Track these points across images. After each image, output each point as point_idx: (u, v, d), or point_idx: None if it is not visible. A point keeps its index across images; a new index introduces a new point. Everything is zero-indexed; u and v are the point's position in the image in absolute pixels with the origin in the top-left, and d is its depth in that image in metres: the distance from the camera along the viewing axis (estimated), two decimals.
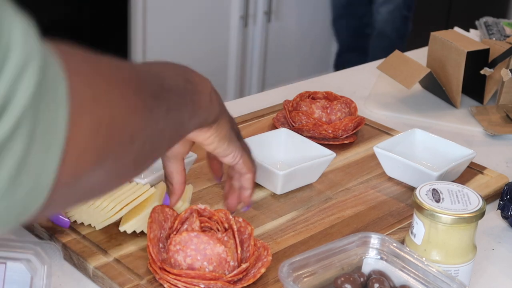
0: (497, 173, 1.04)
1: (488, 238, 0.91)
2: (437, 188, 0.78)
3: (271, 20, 3.02)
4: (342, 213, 0.92)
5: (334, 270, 0.73)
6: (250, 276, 0.77)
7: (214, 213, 0.81)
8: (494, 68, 1.26)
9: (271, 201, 0.94)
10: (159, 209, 0.80)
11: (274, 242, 0.85)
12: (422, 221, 0.76)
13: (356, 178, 1.01)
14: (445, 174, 0.96)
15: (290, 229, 0.88)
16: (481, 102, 1.31)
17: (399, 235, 0.88)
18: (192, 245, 0.75)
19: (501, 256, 0.88)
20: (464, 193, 0.78)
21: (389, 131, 1.16)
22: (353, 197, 0.96)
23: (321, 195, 0.96)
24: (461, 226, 0.75)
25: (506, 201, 0.91)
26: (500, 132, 1.19)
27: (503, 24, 1.57)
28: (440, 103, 1.32)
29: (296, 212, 0.92)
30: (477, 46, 1.28)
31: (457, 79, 1.27)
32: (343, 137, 1.10)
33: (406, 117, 1.26)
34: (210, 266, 0.75)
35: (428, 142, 1.05)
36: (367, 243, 0.75)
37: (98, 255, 0.80)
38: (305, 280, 0.71)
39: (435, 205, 0.75)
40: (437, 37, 1.31)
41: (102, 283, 0.78)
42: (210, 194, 0.94)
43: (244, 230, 0.80)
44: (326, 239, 0.86)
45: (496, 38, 1.49)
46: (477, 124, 1.24)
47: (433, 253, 0.76)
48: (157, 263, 0.76)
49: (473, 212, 0.75)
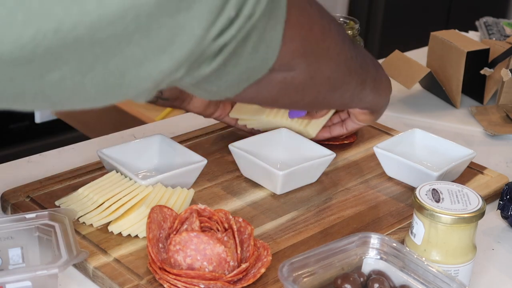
0: (497, 173, 1.04)
1: (488, 238, 0.91)
2: (437, 188, 0.78)
3: None
4: (342, 213, 0.92)
5: (334, 270, 0.73)
6: (250, 276, 0.77)
7: (214, 213, 0.81)
8: (494, 68, 1.26)
9: (271, 201, 0.94)
10: (158, 209, 0.80)
11: (274, 242, 0.85)
12: (422, 221, 0.76)
13: (356, 178, 1.01)
14: (445, 174, 0.96)
15: (290, 229, 0.88)
16: (481, 102, 1.31)
17: (399, 235, 0.88)
18: (192, 245, 0.75)
19: (501, 256, 0.88)
20: (464, 193, 0.78)
21: (389, 131, 1.16)
22: (353, 197, 0.96)
23: (321, 195, 0.96)
24: (461, 226, 0.75)
25: (506, 201, 0.91)
26: (500, 132, 1.19)
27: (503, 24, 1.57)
28: (440, 103, 1.32)
29: (296, 212, 0.92)
30: (477, 46, 1.28)
31: (457, 79, 1.27)
32: (343, 137, 1.10)
33: (406, 117, 1.26)
34: (210, 266, 0.75)
35: (428, 142, 1.05)
36: (367, 243, 0.75)
37: (98, 255, 0.80)
38: (305, 280, 0.71)
39: (435, 205, 0.75)
40: (437, 37, 1.31)
41: (102, 283, 0.78)
42: (210, 194, 0.94)
43: (244, 230, 0.80)
44: (326, 239, 0.86)
45: (496, 38, 1.49)
46: (477, 124, 1.24)
47: (433, 253, 0.76)
48: (157, 263, 0.76)
49: (473, 212, 0.75)
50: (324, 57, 0.67)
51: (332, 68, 0.70)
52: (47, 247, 0.77)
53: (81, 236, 0.83)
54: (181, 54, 0.48)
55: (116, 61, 0.46)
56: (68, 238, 0.76)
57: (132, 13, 0.43)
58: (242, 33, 0.51)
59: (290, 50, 0.61)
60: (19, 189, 0.91)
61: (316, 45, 0.65)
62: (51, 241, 0.77)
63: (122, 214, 0.84)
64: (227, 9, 0.48)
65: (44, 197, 0.90)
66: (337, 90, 0.74)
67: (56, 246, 0.75)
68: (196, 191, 0.93)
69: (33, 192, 0.91)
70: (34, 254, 0.76)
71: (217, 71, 0.53)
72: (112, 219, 0.84)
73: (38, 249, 0.77)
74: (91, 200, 0.86)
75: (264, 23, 0.53)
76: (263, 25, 0.53)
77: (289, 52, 0.61)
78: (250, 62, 0.55)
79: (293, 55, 0.62)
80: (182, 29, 0.46)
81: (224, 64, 0.53)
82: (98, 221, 0.84)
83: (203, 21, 0.47)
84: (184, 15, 0.46)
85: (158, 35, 0.46)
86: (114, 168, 0.91)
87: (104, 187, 0.87)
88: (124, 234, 0.83)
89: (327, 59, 0.68)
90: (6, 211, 0.90)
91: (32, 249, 0.77)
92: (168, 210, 0.81)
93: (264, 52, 0.56)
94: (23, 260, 0.75)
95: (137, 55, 0.46)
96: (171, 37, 0.46)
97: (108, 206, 0.84)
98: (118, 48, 0.45)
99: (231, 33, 0.50)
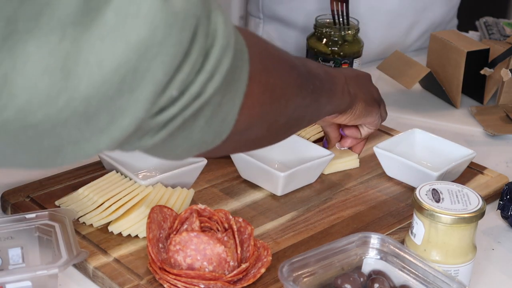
0: (497, 173, 1.04)
1: (488, 238, 0.91)
2: (437, 188, 0.78)
3: None
4: (342, 213, 0.92)
5: (334, 270, 0.73)
6: (250, 276, 0.77)
7: (214, 213, 0.81)
8: (494, 68, 1.26)
9: (271, 201, 0.94)
10: (158, 209, 0.80)
11: (274, 242, 0.85)
12: (422, 221, 0.76)
13: (356, 178, 1.01)
14: (445, 174, 0.96)
15: (290, 229, 0.88)
16: (481, 102, 1.31)
17: (399, 235, 0.88)
18: (192, 245, 0.75)
19: (501, 256, 0.87)
20: (464, 193, 0.78)
21: (389, 131, 1.16)
22: (353, 197, 0.96)
23: (321, 195, 0.96)
24: (461, 226, 0.75)
25: (506, 201, 0.91)
26: (500, 132, 1.19)
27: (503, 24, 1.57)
28: (440, 103, 1.32)
29: (296, 212, 0.92)
30: (477, 46, 1.28)
31: (457, 79, 1.27)
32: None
33: (406, 117, 1.26)
34: (210, 266, 0.75)
35: (428, 142, 1.05)
36: (367, 243, 0.75)
37: (98, 255, 0.80)
38: (305, 280, 0.71)
39: (435, 205, 0.75)
40: (437, 37, 1.31)
41: (102, 283, 0.78)
42: (210, 194, 0.94)
43: (244, 230, 0.80)
44: (326, 239, 0.86)
45: (496, 38, 1.49)
46: (477, 124, 1.24)
47: (433, 253, 0.76)
48: (157, 263, 0.76)
49: (473, 212, 0.75)
50: (282, 111, 0.65)
51: (289, 115, 0.67)
52: (47, 247, 0.77)
53: (81, 236, 0.83)
54: (121, 134, 0.46)
55: (51, 141, 0.45)
56: (68, 238, 0.76)
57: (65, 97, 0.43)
58: (190, 111, 0.50)
59: (247, 118, 0.58)
60: (19, 189, 0.91)
61: (277, 104, 0.63)
62: (51, 241, 0.77)
63: (122, 214, 0.84)
64: (169, 89, 0.47)
65: (44, 197, 0.90)
66: (293, 127, 0.72)
67: (56, 246, 0.75)
68: (196, 191, 0.93)
69: (33, 192, 0.91)
70: (34, 254, 0.76)
71: (164, 142, 0.52)
72: (112, 219, 0.84)
73: (38, 249, 0.77)
74: (91, 200, 0.86)
75: (219, 98, 0.52)
76: (218, 101, 0.52)
77: (247, 120, 0.58)
78: (202, 135, 0.54)
79: (250, 121, 0.59)
80: (124, 111, 0.45)
81: (171, 136, 0.51)
82: (98, 221, 0.84)
83: (145, 103, 0.46)
84: (126, 98, 0.45)
85: (97, 119, 0.45)
86: (114, 168, 0.91)
87: (104, 187, 0.87)
88: (124, 234, 0.83)
89: (284, 110, 0.65)
90: (6, 211, 0.90)
91: (32, 249, 0.77)
92: (168, 210, 0.81)
93: (218, 126, 0.54)
94: (23, 260, 0.75)
95: (74, 136, 0.45)
96: (111, 120, 0.45)
97: (108, 206, 0.84)
98: (53, 131, 0.44)
99: (173, 112, 0.49)
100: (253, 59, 0.56)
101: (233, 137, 0.57)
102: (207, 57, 0.49)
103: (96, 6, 0.43)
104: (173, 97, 0.48)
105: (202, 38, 0.48)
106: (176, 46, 0.46)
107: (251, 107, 0.58)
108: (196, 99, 0.50)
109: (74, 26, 0.42)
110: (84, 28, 0.42)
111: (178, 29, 0.46)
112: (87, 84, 0.43)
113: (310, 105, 0.70)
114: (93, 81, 0.43)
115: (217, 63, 0.50)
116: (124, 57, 0.44)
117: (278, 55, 0.65)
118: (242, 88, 0.55)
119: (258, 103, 0.59)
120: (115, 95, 0.44)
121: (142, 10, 0.44)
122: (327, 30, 1.23)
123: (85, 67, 0.43)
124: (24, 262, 0.75)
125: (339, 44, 1.23)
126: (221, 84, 0.51)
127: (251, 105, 0.57)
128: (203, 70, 0.49)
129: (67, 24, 0.42)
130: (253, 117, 0.59)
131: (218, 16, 0.50)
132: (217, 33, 0.50)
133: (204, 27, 0.49)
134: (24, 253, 0.76)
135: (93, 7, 0.42)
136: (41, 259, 0.76)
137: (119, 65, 0.44)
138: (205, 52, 0.49)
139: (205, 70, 0.49)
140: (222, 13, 0.51)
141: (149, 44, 0.44)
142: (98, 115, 0.45)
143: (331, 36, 1.23)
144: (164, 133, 0.50)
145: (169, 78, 0.47)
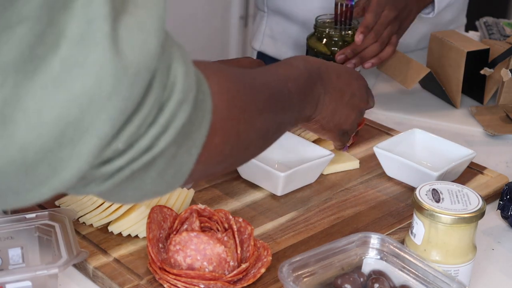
0: (497, 173, 1.04)
1: (488, 238, 0.91)
2: (437, 188, 0.78)
3: None
4: (342, 213, 0.92)
5: (334, 270, 0.73)
6: (250, 276, 0.77)
7: (214, 213, 0.81)
8: (494, 68, 1.26)
9: (271, 201, 0.94)
10: (158, 209, 0.80)
11: (274, 242, 0.85)
12: (422, 221, 0.76)
13: (356, 178, 1.01)
14: (445, 174, 0.96)
15: (290, 229, 0.88)
16: (481, 102, 1.31)
17: (399, 235, 0.88)
18: (192, 245, 0.75)
19: (501, 256, 0.87)
20: (464, 193, 0.78)
21: (389, 131, 1.16)
22: (353, 197, 0.96)
23: (321, 195, 0.96)
24: (461, 226, 0.75)
25: (506, 201, 0.91)
26: (500, 132, 1.19)
27: (503, 24, 1.57)
28: (440, 103, 1.32)
29: (296, 212, 0.92)
30: (477, 46, 1.28)
31: (457, 79, 1.27)
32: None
33: (406, 117, 1.26)
34: (210, 266, 0.75)
35: (428, 142, 1.05)
36: (367, 243, 0.75)
37: (98, 255, 0.80)
38: (305, 280, 0.71)
39: (435, 205, 0.75)
40: (437, 37, 1.31)
41: (102, 283, 0.78)
42: (210, 195, 0.94)
43: (244, 230, 0.80)
44: (326, 239, 0.86)
45: (496, 38, 1.49)
46: (477, 124, 1.24)
47: (433, 253, 0.76)
48: (157, 263, 0.76)
49: (473, 212, 0.75)
50: (243, 156, 0.64)
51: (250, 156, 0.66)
52: (47, 247, 0.77)
53: (81, 236, 0.83)
54: (62, 186, 0.45)
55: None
56: (68, 238, 0.76)
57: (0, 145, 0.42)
58: (139, 163, 0.48)
59: (204, 167, 0.56)
60: None
61: (241, 150, 0.61)
62: (51, 241, 0.77)
63: (122, 214, 0.84)
64: (115, 142, 0.46)
65: None
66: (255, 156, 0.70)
67: (56, 246, 0.75)
68: (196, 191, 0.93)
69: None
70: (34, 254, 0.76)
71: (112, 190, 0.50)
72: (112, 219, 0.84)
73: (38, 249, 0.77)
74: (91, 200, 0.86)
75: (173, 150, 0.50)
76: (172, 153, 0.50)
77: (203, 168, 0.56)
78: (153, 186, 0.52)
79: (206, 169, 0.57)
80: (65, 164, 0.44)
81: (119, 186, 0.50)
82: (98, 221, 0.84)
83: (88, 156, 0.44)
84: (68, 150, 0.43)
85: (37, 171, 0.44)
86: None
87: None
88: (124, 234, 0.83)
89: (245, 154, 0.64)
90: (6, 211, 0.89)
91: (32, 249, 0.77)
92: (168, 210, 0.81)
93: (171, 177, 0.52)
94: (23, 260, 0.75)
95: (14, 186, 0.44)
96: (52, 172, 0.44)
97: (108, 206, 0.84)
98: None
99: (120, 164, 0.47)
100: (217, 108, 0.54)
101: (188, 180, 0.55)
102: (162, 110, 0.48)
103: (42, 54, 0.41)
104: (118, 150, 0.47)
105: (159, 90, 0.47)
106: (125, 101, 0.44)
107: (210, 157, 0.55)
108: (146, 152, 0.48)
109: (16, 73, 0.41)
110: (26, 75, 0.41)
111: (128, 84, 0.44)
112: (25, 132, 0.42)
113: (270, 129, 0.67)
114: (31, 130, 0.42)
115: (171, 117, 0.48)
116: (65, 107, 0.42)
117: (251, 98, 0.62)
118: (200, 139, 0.53)
119: (218, 153, 0.56)
120: (55, 147, 0.43)
121: (90, 60, 0.42)
122: (327, 30, 1.23)
123: (24, 115, 0.41)
124: (24, 262, 0.75)
125: (339, 45, 1.23)
126: (175, 138, 0.49)
127: (210, 155, 0.55)
128: (156, 123, 0.48)
129: (8, 71, 0.41)
130: (210, 166, 0.57)
131: (179, 68, 0.49)
132: (175, 86, 0.48)
133: (162, 78, 0.47)
134: (24, 253, 0.76)
135: (39, 54, 0.41)
136: (41, 259, 0.76)
137: (60, 116, 0.42)
138: (160, 105, 0.47)
139: (158, 124, 0.48)
140: (184, 63, 0.49)
141: (94, 96, 0.42)
142: (37, 167, 0.43)
143: (331, 36, 1.23)
144: (110, 183, 0.49)
145: (115, 132, 0.45)
